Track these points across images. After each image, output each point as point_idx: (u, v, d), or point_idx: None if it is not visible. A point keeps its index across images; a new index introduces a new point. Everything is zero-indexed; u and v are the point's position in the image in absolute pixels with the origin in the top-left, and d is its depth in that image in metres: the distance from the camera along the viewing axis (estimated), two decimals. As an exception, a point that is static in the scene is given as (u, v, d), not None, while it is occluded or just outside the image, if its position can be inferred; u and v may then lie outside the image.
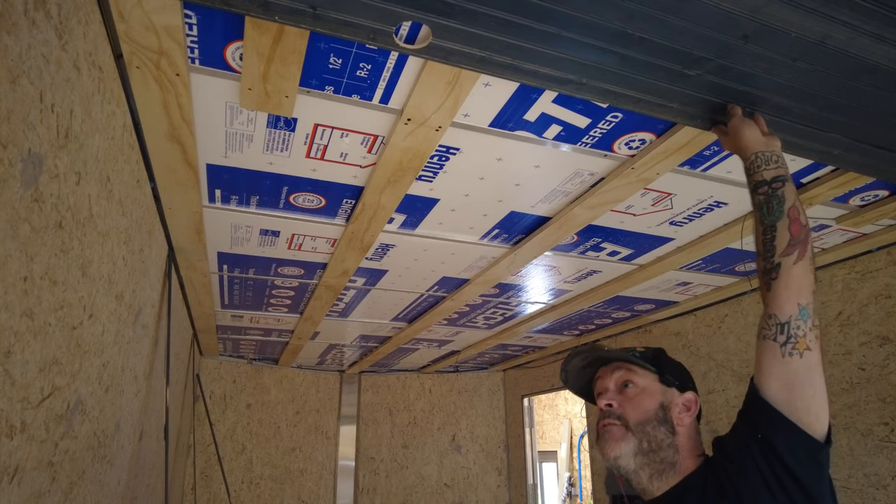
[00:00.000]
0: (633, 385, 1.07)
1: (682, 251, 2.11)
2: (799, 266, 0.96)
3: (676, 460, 1.00)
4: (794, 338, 0.92)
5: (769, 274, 0.97)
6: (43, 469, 0.97)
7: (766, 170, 1.04)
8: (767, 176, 1.03)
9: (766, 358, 0.94)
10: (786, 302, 0.94)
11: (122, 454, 1.63)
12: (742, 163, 1.09)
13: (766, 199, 1.02)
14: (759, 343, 0.96)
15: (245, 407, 4.42)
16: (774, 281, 0.96)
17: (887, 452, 1.97)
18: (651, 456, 1.00)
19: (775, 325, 0.93)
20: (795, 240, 0.97)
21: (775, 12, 0.89)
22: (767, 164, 1.04)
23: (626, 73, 1.03)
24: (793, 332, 0.92)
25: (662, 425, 1.02)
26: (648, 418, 1.03)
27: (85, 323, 1.12)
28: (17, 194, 0.74)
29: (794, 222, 0.98)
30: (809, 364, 0.91)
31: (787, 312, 0.93)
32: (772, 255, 0.98)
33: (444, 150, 1.45)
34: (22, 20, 0.70)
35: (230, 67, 1.13)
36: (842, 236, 2.01)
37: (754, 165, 1.05)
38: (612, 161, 1.50)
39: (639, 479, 1.01)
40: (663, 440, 1.01)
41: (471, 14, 0.88)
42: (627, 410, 1.05)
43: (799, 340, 0.91)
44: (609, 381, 1.09)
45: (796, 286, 0.94)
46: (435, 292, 2.69)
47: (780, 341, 0.92)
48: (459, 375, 5.04)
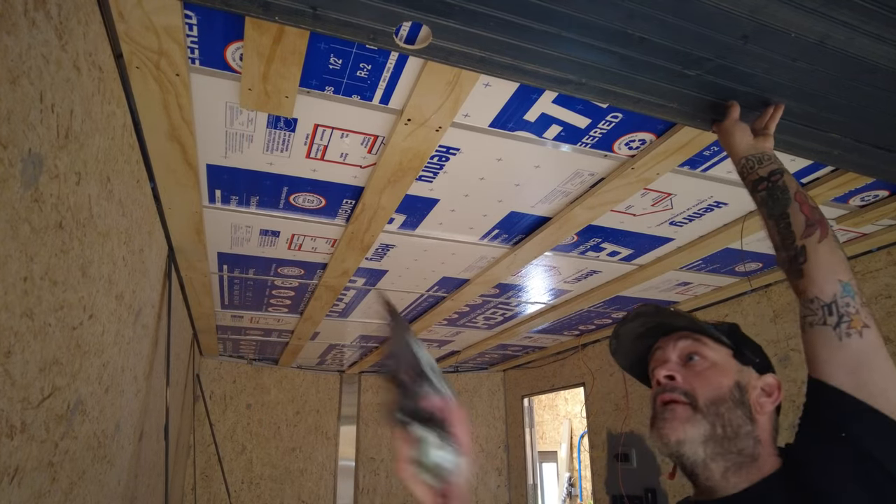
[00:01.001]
0: (701, 358, 0.87)
1: (682, 251, 2.11)
2: (825, 244, 0.88)
3: (758, 453, 0.81)
4: (847, 316, 0.81)
5: (796, 260, 0.89)
6: (43, 469, 0.97)
7: (760, 168, 1.02)
8: (763, 172, 1.01)
9: (820, 346, 0.82)
10: (825, 281, 0.84)
11: (122, 454, 1.63)
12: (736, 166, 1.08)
13: (769, 193, 0.98)
14: (807, 333, 0.84)
15: (245, 407, 4.42)
16: (805, 264, 0.87)
17: (887, 452, 1.97)
18: (726, 444, 0.80)
19: (821, 308, 0.83)
20: (811, 220, 0.91)
21: (775, 12, 0.89)
22: (760, 163, 1.02)
23: (626, 73, 1.03)
24: (843, 311, 0.82)
25: (739, 408, 0.83)
26: (722, 397, 0.83)
27: (85, 323, 1.12)
28: (17, 194, 0.74)
29: (804, 205, 0.94)
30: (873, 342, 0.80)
31: (829, 291, 0.83)
32: (792, 241, 0.91)
33: (445, 151, 1.45)
34: (22, 20, 0.70)
35: (230, 68, 1.13)
36: (842, 236, 2.00)
37: (746, 168, 1.04)
38: (612, 161, 1.50)
39: (708, 474, 0.80)
40: (741, 426, 0.82)
41: (471, 14, 0.88)
42: (695, 386, 0.84)
43: (853, 318, 0.81)
44: (671, 352, 0.90)
45: (830, 263, 0.86)
46: (435, 292, 2.69)
47: (831, 323, 0.82)
48: (459, 375, 5.04)
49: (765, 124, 1.10)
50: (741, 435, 0.81)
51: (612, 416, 3.49)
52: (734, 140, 1.08)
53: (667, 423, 0.83)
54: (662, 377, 0.87)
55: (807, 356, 0.85)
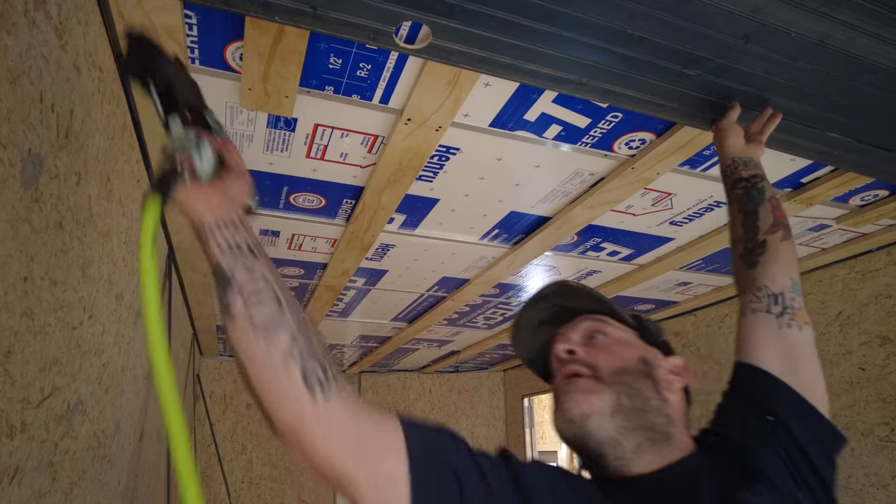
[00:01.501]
0: (604, 335, 0.82)
1: (682, 251, 2.11)
2: (786, 244, 0.92)
3: (671, 432, 0.75)
4: (791, 309, 0.83)
5: (753, 252, 0.92)
6: (43, 469, 0.97)
7: (744, 170, 1.05)
8: (745, 174, 1.04)
9: (760, 332, 0.83)
10: (778, 274, 0.87)
11: (122, 454, 1.63)
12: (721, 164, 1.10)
13: (746, 192, 1.02)
14: (747, 318, 0.85)
15: (245, 407, 4.42)
16: (762, 256, 0.91)
17: (887, 452, 1.97)
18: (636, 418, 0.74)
19: (767, 297, 0.85)
20: (779, 223, 0.94)
21: (775, 12, 0.89)
22: (745, 166, 1.05)
23: (627, 72, 1.03)
24: (788, 304, 0.84)
25: (647, 380, 0.77)
26: (627, 367, 0.78)
27: (85, 323, 1.12)
28: (18, 194, 0.74)
29: (777, 209, 0.97)
30: (810, 340, 0.82)
31: (780, 284, 0.86)
32: (755, 234, 0.94)
33: (445, 150, 1.45)
34: (22, 20, 0.70)
35: (230, 67, 1.13)
36: (842, 236, 2.01)
37: (731, 168, 1.07)
38: (612, 161, 1.50)
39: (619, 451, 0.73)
40: (650, 399, 0.76)
41: (471, 14, 0.88)
42: (598, 358, 0.79)
43: (797, 313, 0.83)
44: (572, 333, 0.84)
45: (787, 260, 0.89)
46: (435, 292, 2.69)
47: (775, 312, 0.83)
48: (459, 376, 5.04)
49: (760, 130, 1.12)
50: (651, 409, 0.75)
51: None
52: (727, 141, 1.10)
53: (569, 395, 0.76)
54: (562, 352, 0.81)
55: (741, 341, 0.85)
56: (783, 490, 0.69)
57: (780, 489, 0.69)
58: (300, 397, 0.59)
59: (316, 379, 0.60)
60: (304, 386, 0.59)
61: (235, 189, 0.72)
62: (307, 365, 0.61)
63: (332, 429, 0.59)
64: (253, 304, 0.62)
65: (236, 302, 0.63)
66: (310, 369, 0.61)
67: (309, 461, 0.60)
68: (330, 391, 0.60)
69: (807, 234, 1.98)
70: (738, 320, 0.88)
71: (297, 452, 0.61)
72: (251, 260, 0.66)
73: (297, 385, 0.59)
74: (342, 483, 0.59)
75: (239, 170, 0.73)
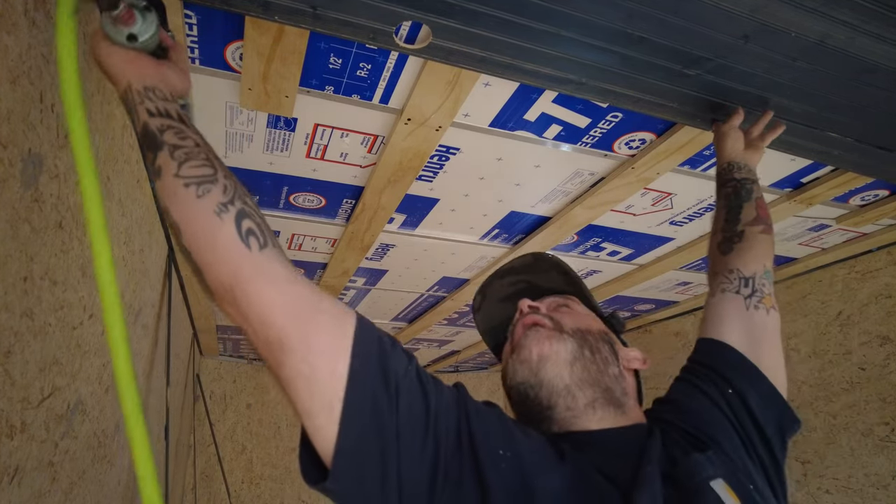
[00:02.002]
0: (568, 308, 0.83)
1: (683, 251, 2.11)
2: (764, 237, 0.94)
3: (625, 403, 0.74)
4: (760, 293, 0.86)
5: (731, 241, 0.94)
6: (43, 469, 0.97)
7: (737, 173, 1.07)
8: (738, 176, 1.07)
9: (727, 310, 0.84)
10: (751, 260, 0.90)
11: (122, 454, 1.63)
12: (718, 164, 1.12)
13: (735, 190, 1.04)
14: (716, 298, 0.87)
15: (245, 407, 4.42)
16: (738, 244, 0.93)
17: (888, 452, 1.97)
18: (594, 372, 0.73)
19: (739, 279, 0.87)
20: (762, 220, 0.96)
21: (775, 12, 0.89)
22: (740, 170, 1.08)
23: (626, 72, 1.03)
24: (758, 287, 0.86)
25: (607, 344, 0.78)
26: (590, 329, 0.78)
27: (85, 323, 1.12)
28: (17, 194, 0.74)
29: (762, 208, 0.99)
30: (775, 324, 0.83)
31: (752, 269, 0.88)
32: (735, 225, 0.97)
33: (445, 150, 1.45)
34: (22, 20, 0.70)
35: (230, 67, 1.13)
36: (842, 236, 2.01)
37: (726, 170, 1.09)
38: (613, 161, 1.50)
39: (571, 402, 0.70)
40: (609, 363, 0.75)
41: (471, 14, 0.88)
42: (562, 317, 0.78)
43: (765, 297, 0.85)
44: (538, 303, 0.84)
45: (762, 250, 0.92)
46: (435, 292, 2.69)
47: (744, 294, 0.85)
48: (459, 375, 5.04)
49: (761, 136, 1.13)
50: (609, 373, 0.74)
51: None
52: (726, 144, 1.11)
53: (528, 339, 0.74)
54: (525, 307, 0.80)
55: (708, 319, 0.86)
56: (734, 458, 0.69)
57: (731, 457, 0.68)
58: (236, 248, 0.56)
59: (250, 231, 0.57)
60: (239, 237, 0.56)
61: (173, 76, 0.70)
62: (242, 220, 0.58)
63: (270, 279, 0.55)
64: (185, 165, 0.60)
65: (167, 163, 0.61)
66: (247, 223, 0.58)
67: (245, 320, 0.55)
68: (267, 244, 0.58)
69: (807, 234, 1.98)
70: (707, 302, 0.90)
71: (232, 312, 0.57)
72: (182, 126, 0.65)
73: (231, 233, 0.56)
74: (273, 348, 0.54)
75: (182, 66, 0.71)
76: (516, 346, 0.76)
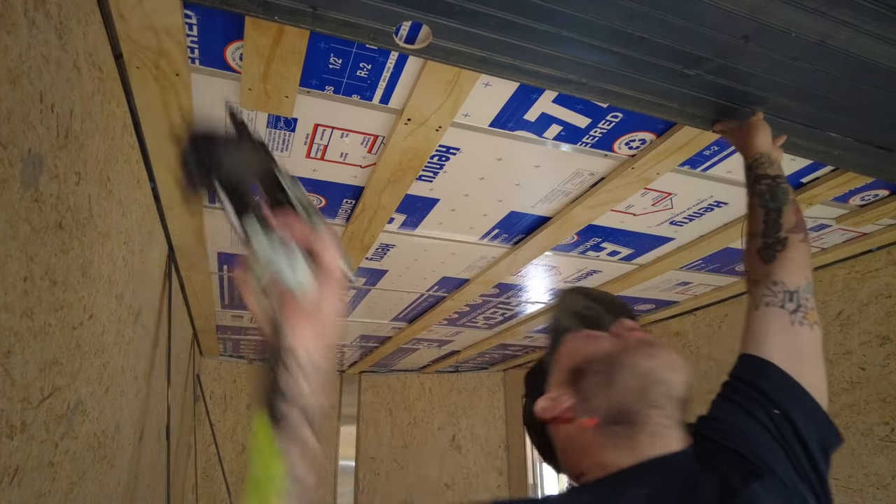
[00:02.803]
0: None
1: (683, 251, 2.11)
2: (804, 245, 0.94)
3: None
4: (804, 308, 0.84)
5: (773, 247, 0.93)
6: (43, 469, 0.97)
7: (769, 168, 1.06)
8: (771, 172, 1.05)
9: (771, 326, 0.83)
10: (795, 272, 0.88)
11: (122, 454, 1.63)
12: (743, 160, 1.11)
13: (770, 188, 1.02)
14: (759, 311, 0.85)
15: (246, 407, 4.42)
16: (782, 252, 0.92)
17: (887, 452, 1.97)
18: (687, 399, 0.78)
19: (783, 293, 0.86)
20: (801, 226, 0.96)
21: (776, 12, 0.89)
22: (771, 164, 1.06)
23: (627, 72, 1.03)
24: (802, 302, 0.85)
25: None
26: None
27: (85, 323, 1.12)
28: (17, 194, 0.74)
29: (798, 212, 0.99)
30: (818, 339, 0.83)
31: (796, 282, 0.87)
32: (777, 231, 0.95)
33: (445, 150, 1.45)
34: (22, 20, 0.70)
35: (230, 67, 1.13)
36: (842, 236, 2.00)
37: (758, 162, 1.07)
38: (613, 161, 1.50)
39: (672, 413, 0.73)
40: None
41: (471, 14, 0.88)
42: None
43: (809, 312, 0.84)
44: None
45: (804, 260, 0.91)
46: (435, 292, 2.69)
47: (789, 308, 0.84)
48: (459, 375, 5.04)
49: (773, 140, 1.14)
50: None
51: (612, 416, 3.48)
52: (758, 136, 1.10)
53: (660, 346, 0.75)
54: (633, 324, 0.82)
55: (749, 333, 0.85)
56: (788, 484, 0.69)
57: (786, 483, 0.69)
58: None
59: None
60: None
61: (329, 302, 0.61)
62: None
63: None
64: None
65: None
66: None
67: None
68: None
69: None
70: (749, 313, 0.88)
71: None
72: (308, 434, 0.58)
73: None
74: None
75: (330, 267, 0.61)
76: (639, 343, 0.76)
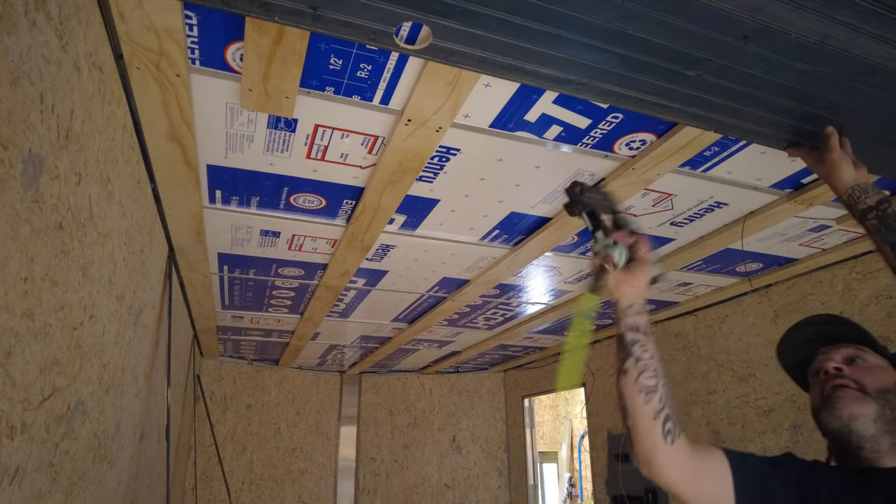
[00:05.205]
0: (863, 360, 0.99)
1: (683, 252, 2.10)
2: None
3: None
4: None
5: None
6: (43, 470, 0.97)
7: (867, 198, 1.07)
8: (871, 202, 1.06)
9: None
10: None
11: (122, 455, 1.63)
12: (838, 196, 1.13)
13: (880, 221, 1.04)
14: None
15: (245, 408, 4.42)
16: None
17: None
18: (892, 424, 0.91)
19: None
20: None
21: (776, 13, 0.89)
22: (866, 193, 1.07)
23: (627, 73, 1.03)
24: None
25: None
26: (888, 387, 0.94)
27: (85, 324, 1.12)
28: (18, 195, 0.74)
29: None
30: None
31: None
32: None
33: (445, 151, 1.45)
34: (22, 21, 0.70)
35: (231, 68, 1.13)
36: (842, 236, 2.00)
37: (853, 198, 1.09)
38: (613, 162, 1.50)
39: (877, 446, 0.91)
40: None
41: (471, 15, 0.88)
42: (863, 377, 0.95)
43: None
44: (835, 354, 1.01)
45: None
46: (435, 293, 2.69)
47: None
48: (460, 376, 5.04)
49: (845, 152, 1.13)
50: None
51: (612, 417, 3.49)
52: (841, 172, 1.11)
53: (840, 400, 0.94)
54: (831, 368, 0.98)
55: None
56: None
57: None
58: (658, 440, 0.91)
59: (669, 430, 0.91)
60: (662, 434, 0.91)
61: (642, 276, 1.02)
62: (667, 422, 0.91)
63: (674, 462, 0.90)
64: (642, 374, 0.94)
65: (631, 369, 0.95)
66: (668, 424, 0.91)
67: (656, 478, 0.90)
68: (677, 438, 0.91)
69: (807, 234, 1.98)
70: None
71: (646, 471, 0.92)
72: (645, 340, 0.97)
73: (658, 433, 0.91)
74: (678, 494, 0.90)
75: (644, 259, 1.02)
76: (827, 401, 0.96)
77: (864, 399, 0.93)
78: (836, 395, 0.95)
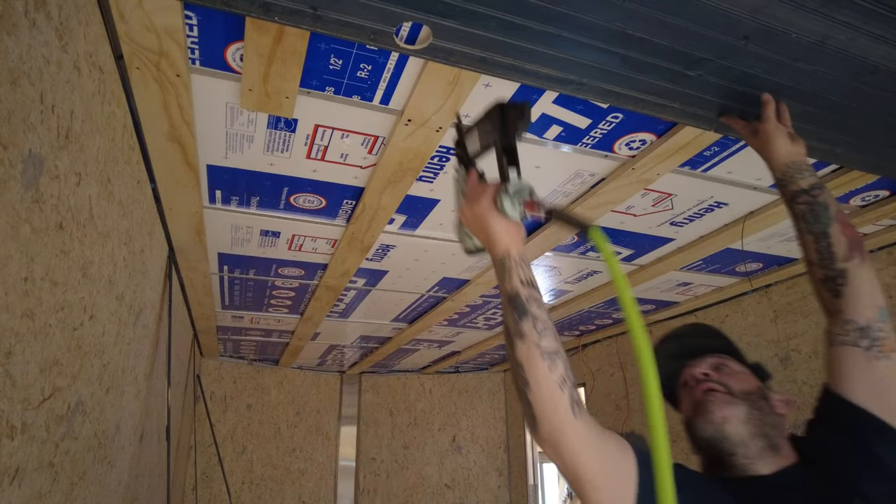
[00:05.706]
0: (727, 367, 0.99)
1: (683, 252, 2.11)
2: (865, 268, 0.92)
3: (782, 444, 0.90)
4: (879, 340, 0.86)
5: (833, 281, 0.93)
6: (44, 470, 0.97)
7: (801, 179, 1.00)
8: (804, 185, 0.99)
9: (849, 365, 0.88)
10: (864, 307, 0.89)
11: (122, 455, 1.63)
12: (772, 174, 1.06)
13: (809, 208, 0.98)
14: (836, 349, 0.90)
15: (245, 408, 4.42)
16: (845, 287, 0.91)
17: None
18: (762, 427, 0.90)
19: (854, 331, 0.88)
20: (853, 243, 0.94)
21: (776, 13, 0.89)
22: (800, 173, 1.01)
23: (627, 73, 1.03)
24: (876, 335, 0.87)
25: (764, 401, 0.94)
26: (751, 390, 0.95)
27: (85, 324, 1.12)
28: (18, 195, 0.74)
29: (846, 227, 0.95)
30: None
31: (866, 316, 0.88)
32: (832, 262, 0.94)
33: (445, 151, 1.45)
34: (22, 21, 0.70)
35: (231, 68, 1.13)
36: (842, 237, 2.00)
37: (786, 177, 1.02)
38: (613, 162, 1.50)
39: (747, 452, 0.89)
40: (769, 414, 0.92)
41: (471, 14, 0.88)
42: (728, 381, 0.96)
43: (884, 342, 0.86)
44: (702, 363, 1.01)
45: (870, 288, 0.90)
46: (435, 293, 2.69)
47: (863, 346, 0.87)
48: (460, 376, 5.04)
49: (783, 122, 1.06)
50: (770, 423, 0.91)
51: (612, 417, 3.49)
52: (775, 144, 1.03)
53: (712, 404, 0.92)
54: (699, 374, 0.98)
55: (830, 370, 0.91)
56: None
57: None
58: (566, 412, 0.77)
59: (576, 401, 0.79)
60: (570, 405, 0.78)
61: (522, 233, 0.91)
62: (573, 391, 0.79)
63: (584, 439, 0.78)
64: (543, 335, 0.80)
65: (531, 331, 0.80)
66: (574, 394, 0.79)
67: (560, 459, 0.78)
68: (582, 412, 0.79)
69: (807, 234, 1.98)
70: (826, 348, 0.93)
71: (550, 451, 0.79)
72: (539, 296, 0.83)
73: (566, 404, 0.78)
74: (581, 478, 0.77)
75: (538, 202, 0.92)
76: (699, 407, 0.94)
77: (733, 401, 0.92)
78: (708, 398, 0.93)
